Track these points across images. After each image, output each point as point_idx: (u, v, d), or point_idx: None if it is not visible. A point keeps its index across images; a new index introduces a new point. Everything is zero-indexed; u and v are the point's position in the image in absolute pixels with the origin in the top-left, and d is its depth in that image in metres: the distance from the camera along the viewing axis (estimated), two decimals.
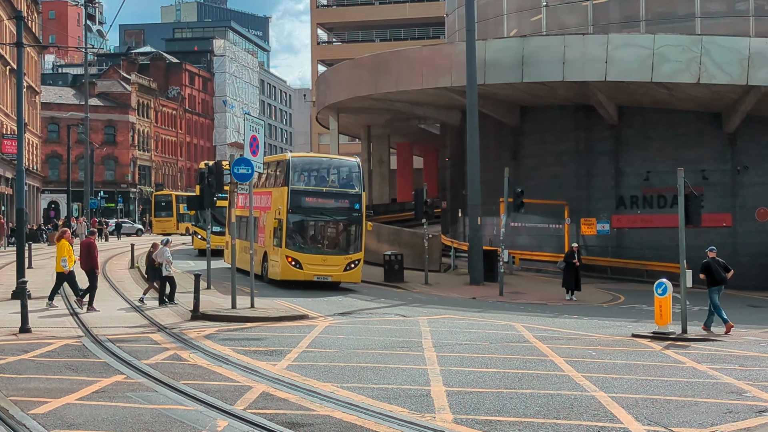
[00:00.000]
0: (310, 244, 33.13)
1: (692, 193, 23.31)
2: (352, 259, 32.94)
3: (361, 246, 33.33)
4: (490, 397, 13.92)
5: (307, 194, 32.98)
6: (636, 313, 29.87)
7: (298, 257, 32.29)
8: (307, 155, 41.62)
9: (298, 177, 33.43)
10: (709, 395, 14.62)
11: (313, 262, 32.38)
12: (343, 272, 32.93)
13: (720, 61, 39.09)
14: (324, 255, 32.75)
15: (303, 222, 33.12)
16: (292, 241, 32.38)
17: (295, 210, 32.34)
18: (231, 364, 16.43)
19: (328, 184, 34.35)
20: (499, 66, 42.43)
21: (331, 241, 33.84)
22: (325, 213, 33.00)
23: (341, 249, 33.43)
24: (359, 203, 33.04)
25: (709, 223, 37.51)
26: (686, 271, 23.28)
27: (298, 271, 32.26)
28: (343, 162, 35.87)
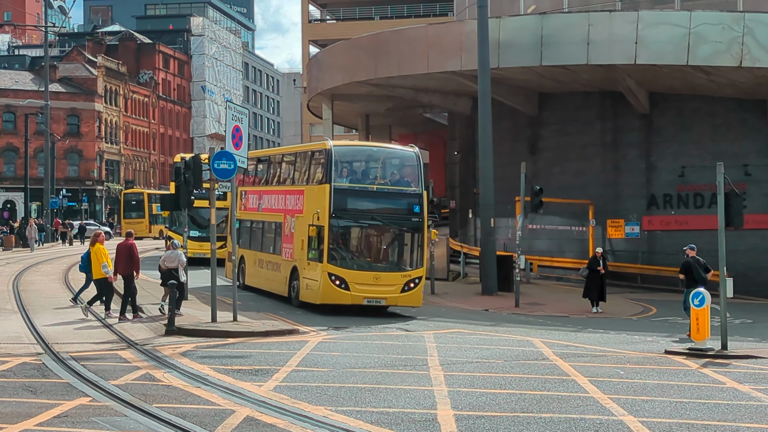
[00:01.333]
0: (359, 258, 29.65)
1: (733, 191, 23.33)
2: (411, 277, 29.12)
3: (423, 260, 29.67)
4: (504, 422, 13.93)
5: (355, 194, 29.51)
6: (670, 326, 29.91)
7: (344, 275, 28.50)
8: (351, 144, 36.31)
9: (342, 172, 29.67)
10: (753, 420, 14.63)
11: (363, 281, 28.70)
12: (400, 294, 29.00)
13: (765, 42, 39.10)
14: (376, 272, 29.05)
15: (350, 230, 29.69)
16: (335, 255, 28.73)
17: (339, 214, 28.65)
18: (211, 385, 16.42)
19: (380, 180, 31.00)
20: (515, 47, 42.44)
21: (385, 254, 30.33)
22: (377, 218, 29.41)
23: (398, 264, 29.80)
24: (419, 205, 29.39)
25: (753, 225, 37.52)
26: (727, 280, 23.30)
27: (344, 293, 28.49)
28: (398, 152, 32.35)
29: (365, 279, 28.80)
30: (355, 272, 28.77)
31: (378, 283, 28.86)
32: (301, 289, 29.95)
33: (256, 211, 35.40)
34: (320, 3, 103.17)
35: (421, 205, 29.35)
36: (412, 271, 29.26)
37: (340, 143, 31.59)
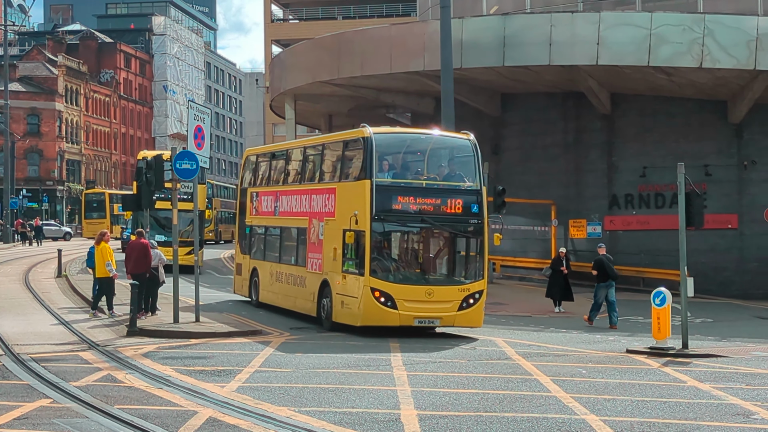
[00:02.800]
0: (408, 270, 24.93)
1: (694, 191, 23.49)
2: (470, 291, 24.27)
3: (484, 270, 24.85)
4: (467, 422, 13.96)
5: (401, 191, 24.55)
6: (631, 326, 30.07)
7: (390, 290, 23.64)
8: (393, 130, 29.95)
9: (383, 165, 24.70)
10: (713, 418, 14.74)
11: (413, 298, 23.85)
12: (458, 312, 24.12)
13: (725, 43, 39.43)
14: (429, 286, 24.21)
15: (396, 235, 24.99)
16: (379, 266, 24.00)
17: (383, 216, 23.87)
18: (173, 386, 16.35)
19: (430, 175, 26.00)
20: (477, 48, 42.53)
21: (439, 264, 25.42)
22: (428, 220, 24.46)
23: (454, 276, 25.01)
24: (478, 204, 24.75)
25: (713, 225, 37.84)
26: (687, 279, 23.46)
27: (390, 312, 23.59)
28: (450, 140, 27.31)
29: (416, 295, 23.93)
30: (403, 287, 23.94)
31: (431, 300, 23.94)
32: (335, 308, 24.87)
33: (272, 216, 30.39)
34: (283, 3, 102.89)
35: (480, 203, 24.74)
36: (472, 283, 24.42)
37: (380, 130, 26.22)
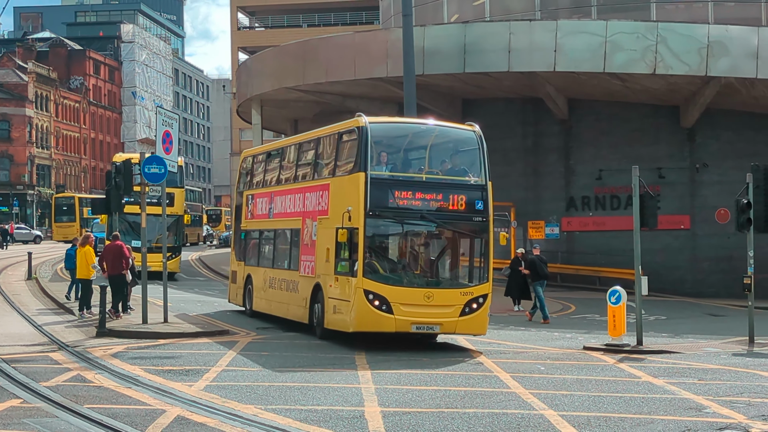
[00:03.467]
0: (405, 271, 22.21)
1: (648, 193, 23.61)
2: (473, 295, 21.65)
3: (489, 272, 22.07)
4: (429, 418, 13.97)
5: (398, 186, 22.04)
6: (588, 323, 30.17)
7: (385, 293, 21.07)
8: (392, 120, 27.81)
9: (380, 157, 22.26)
10: (667, 412, 14.83)
11: (411, 301, 21.22)
12: (460, 318, 21.51)
13: (677, 50, 39.74)
14: (428, 289, 21.59)
15: (392, 233, 22.52)
16: (373, 266, 21.51)
17: (378, 212, 21.40)
18: (142, 386, 16.26)
19: (432, 168, 23.41)
20: (439, 55, 42.61)
21: (440, 265, 22.82)
22: (428, 217, 21.93)
23: (456, 278, 22.55)
24: (483, 200, 22.17)
25: (666, 226, 38.17)
26: (642, 278, 23.59)
27: (385, 317, 20.98)
28: (454, 132, 24.48)
29: (413, 298, 21.32)
30: (400, 289, 21.36)
31: (430, 304, 21.33)
32: (327, 313, 22.44)
33: (266, 219, 27.94)
34: (249, 11, 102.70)
35: (485, 200, 22.16)
36: (475, 287, 21.80)
37: (377, 119, 23.98)
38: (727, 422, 14.05)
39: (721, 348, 23.92)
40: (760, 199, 24.34)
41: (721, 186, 43.07)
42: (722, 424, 13.89)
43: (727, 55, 39.86)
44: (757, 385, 17.70)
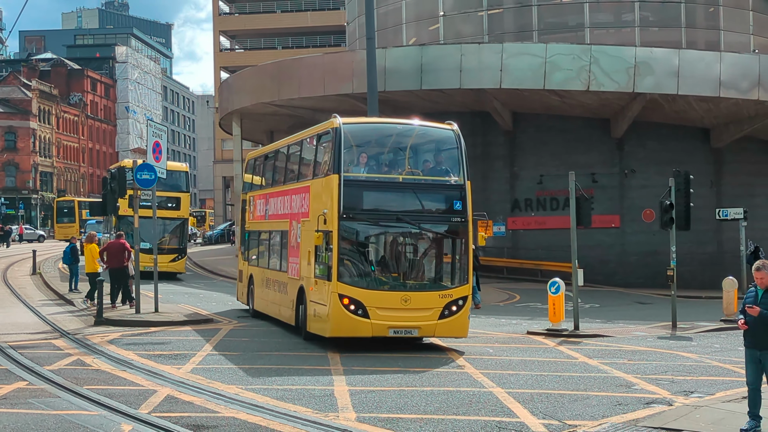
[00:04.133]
0: (381, 274, 19.39)
1: (583, 196, 23.73)
2: (452, 298, 19.11)
3: (468, 273, 19.49)
4: (392, 396, 13.97)
5: (373, 187, 19.83)
6: (531, 311, 30.25)
7: (361, 297, 18.65)
8: (368, 121, 25.13)
9: (355, 158, 19.93)
10: (600, 389, 14.92)
11: (387, 305, 18.77)
12: (439, 321, 18.96)
13: (608, 70, 39.98)
14: (405, 292, 19.03)
15: (367, 235, 19.70)
16: (348, 270, 18.97)
17: (352, 215, 18.93)
18: (135, 369, 16.16)
19: (409, 169, 20.68)
20: (398, 73, 42.61)
21: (417, 267, 19.83)
22: (404, 219, 19.28)
23: (434, 281, 19.73)
24: (461, 201, 19.70)
25: (599, 225, 38.37)
26: (578, 271, 23.70)
27: (361, 322, 18.57)
28: (432, 131, 21.54)
29: (390, 302, 18.85)
30: (375, 293, 18.88)
31: (408, 307, 18.83)
32: (309, 317, 20.07)
33: (263, 220, 25.78)
34: (230, 34, 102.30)
35: (463, 200, 19.73)
36: (454, 288, 19.24)
37: (352, 120, 21.63)
38: (653, 397, 14.16)
39: (647, 332, 24.09)
40: (681, 200, 24.56)
41: (647, 189, 43.33)
42: (649, 399, 14.00)
43: (652, 74, 40.15)
44: (679, 365, 17.85)
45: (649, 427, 11.89)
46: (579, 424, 12.14)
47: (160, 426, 11.61)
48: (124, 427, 11.63)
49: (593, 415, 12.78)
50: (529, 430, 11.82)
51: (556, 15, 49.07)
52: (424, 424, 12.03)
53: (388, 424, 11.98)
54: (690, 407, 13.17)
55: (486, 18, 48.88)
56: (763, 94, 40.65)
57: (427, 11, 51.32)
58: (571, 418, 12.52)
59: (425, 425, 11.99)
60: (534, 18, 47.89)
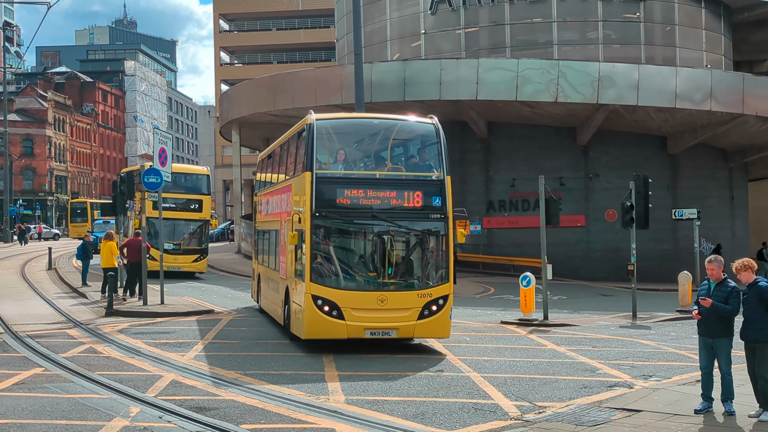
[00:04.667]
0: (357, 274, 17.20)
1: (551, 198, 23.78)
2: (432, 297, 17.09)
3: (449, 272, 17.39)
4: (378, 379, 13.98)
5: (347, 184, 17.44)
6: (504, 302, 30.30)
7: (335, 297, 16.66)
8: (342, 116, 22.59)
9: (330, 154, 18.11)
10: (567, 373, 14.96)
11: (363, 306, 16.72)
12: (418, 321, 16.90)
13: (574, 83, 40.05)
14: (382, 292, 16.87)
15: (341, 234, 17.43)
16: (322, 270, 16.92)
17: (325, 213, 16.89)
18: (143, 356, 16.11)
19: (386, 164, 18.78)
20: (383, 86, 42.57)
21: (395, 266, 17.37)
22: (381, 216, 17.11)
23: (413, 280, 17.41)
24: (441, 196, 17.65)
25: (566, 224, 38.44)
26: (547, 266, 23.75)
27: (336, 323, 16.59)
28: (410, 126, 19.29)
29: (366, 302, 16.76)
30: (350, 293, 16.80)
31: (385, 308, 16.74)
32: (291, 317, 18.30)
33: (266, 219, 24.04)
34: (230, 50, 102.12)
35: (443, 195, 17.67)
36: (434, 288, 17.17)
37: (327, 116, 19.18)
38: (616, 381, 14.20)
39: (610, 321, 24.16)
40: (640, 202, 24.63)
41: (610, 192, 43.43)
42: (612, 382, 14.04)
43: (614, 87, 40.25)
44: (639, 351, 17.92)
45: (612, 408, 11.93)
46: (548, 406, 12.16)
47: (165, 408, 11.58)
48: (132, 409, 11.60)
49: (561, 397, 12.81)
50: (502, 411, 11.84)
51: (526, 33, 49.10)
52: (407, 406, 12.04)
53: (374, 406, 11.98)
54: (649, 390, 13.22)
55: (463, 36, 48.90)
56: (715, 105, 40.86)
57: (410, 29, 51.31)
58: (541, 400, 12.55)
59: (408, 407, 12.00)
60: (507, 36, 47.94)
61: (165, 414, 11.32)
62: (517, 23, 47.92)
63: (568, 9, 47.05)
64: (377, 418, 11.28)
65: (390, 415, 11.45)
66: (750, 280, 11.28)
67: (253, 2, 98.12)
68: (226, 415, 11.26)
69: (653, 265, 41.90)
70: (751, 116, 41.69)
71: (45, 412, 11.42)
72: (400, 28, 52.10)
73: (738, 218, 50.04)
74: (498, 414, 11.64)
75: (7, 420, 10.98)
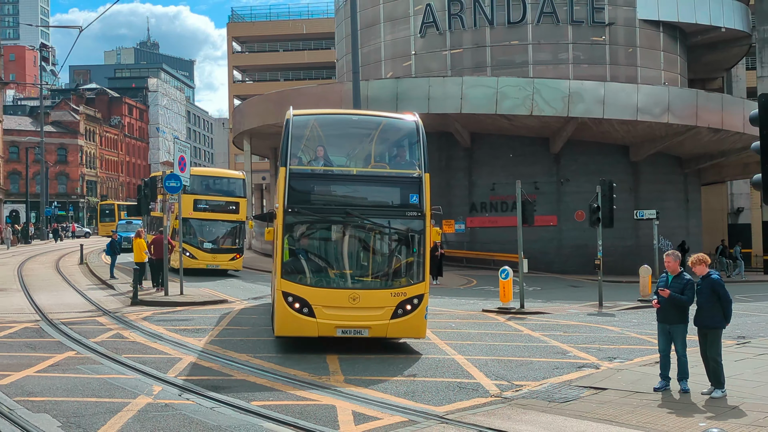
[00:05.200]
0: (329, 271, 15.29)
1: (527, 200, 23.79)
2: (406, 296, 14.97)
3: (425, 270, 15.19)
4: (374, 362, 13.97)
5: (322, 180, 15.67)
6: (485, 293, 30.33)
7: (306, 295, 14.79)
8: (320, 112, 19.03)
9: (308, 150, 16.02)
10: (541, 355, 14.97)
11: (335, 303, 14.84)
12: (391, 320, 14.86)
13: (547, 98, 40.10)
14: (354, 290, 14.94)
15: (314, 231, 15.49)
16: (293, 266, 15.05)
17: (298, 209, 14.92)
18: (164, 341, 16.08)
19: (364, 161, 16.43)
20: (378, 101, 42.54)
21: (368, 263, 15.59)
22: (354, 213, 15.15)
23: (386, 278, 15.30)
24: (418, 194, 15.24)
25: (541, 223, 38.42)
26: (523, 260, 23.76)
27: (307, 321, 14.74)
28: (390, 122, 17.24)
29: (338, 300, 14.77)
30: (322, 291, 14.81)
31: (357, 306, 14.75)
32: (274, 314, 15.80)
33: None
34: (242, 69, 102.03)
35: (420, 193, 15.19)
36: (409, 287, 14.97)
37: (307, 112, 17.48)
38: (584, 362, 14.22)
39: (579, 310, 24.19)
40: (606, 204, 24.64)
41: (579, 195, 43.37)
42: (580, 363, 14.06)
43: (582, 102, 40.30)
44: (605, 336, 17.94)
45: (581, 386, 11.94)
46: (524, 384, 12.18)
47: (184, 387, 11.57)
48: (155, 387, 11.58)
49: (535, 376, 12.83)
50: (484, 389, 11.85)
51: (505, 54, 49.12)
52: (399, 385, 12.04)
53: (369, 385, 11.99)
54: (613, 370, 13.24)
55: (449, 56, 48.91)
56: (672, 118, 40.94)
57: (402, 51, 51.30)
58: (518, 380, 12.56)
59: (400, 385, 12.00)
60: (488, 56, 47.95)
61: (184, 392, 11.31)
62: (496, 45, 47.95)
63: (541, 33, 47.09)
64: (373, 395, 11.28)
65: (384, 393, 11.45)
66: (704, 273, 11.32)
67: (263, 26, 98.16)
68: (238, 393, 11.26)
69: (617, 260, 41.97)
70: (704, 128, 41.81)
71: (77, 390, 11.40)
72: (393, 49, 52.08)
73: (692, 218, 50.14)
74: (480, 392, 11.65)
75: (43, 398, 10.96)
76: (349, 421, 9.91)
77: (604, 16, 46.81)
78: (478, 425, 9.58)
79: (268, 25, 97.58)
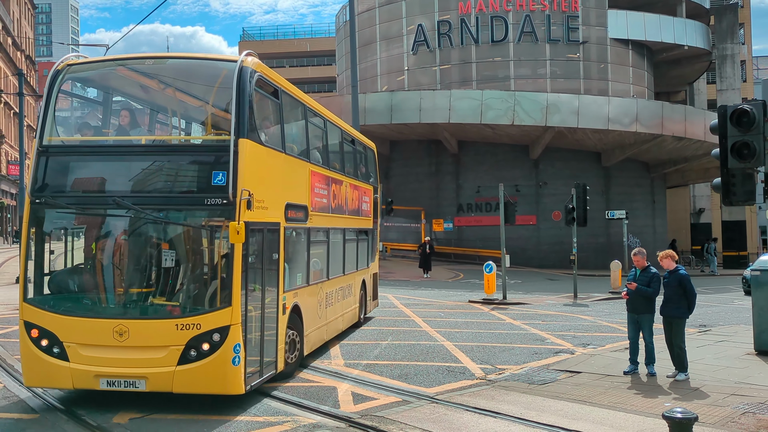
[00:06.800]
0: (86, 293, 9.21)
1: (509, 201, 23.78)
2: (201, 330, 8.58)
3: (233, 290, 8.63)
4: (370, 347, 13.95)
5: (81, 157, 9.48)
6: (471, 285, 30.31)
7: (53, 327, 8.80)
8: (104, 59, 10.40)
9: (77, 115, 10.98)
10: (522, 342, 14.96)
11: (94, 340, 8.68)
12: (179, 366, 8.58)
13: (527, 109, 40.11)
14: (121, 320, 8.67)
15: (65, 233, 9.48)
16: (41, 285, 9.19)
17: (44, 199, 9.11)
18: None
19: (152, 126, 11.07)
20: (375, 111, 42.53)
21: (142, 280, 9.14)
22: (125, 205, 8.85)
23: (169, 303, 8.98)
24: (226, 171, 8.75)
25: (521, 222, 38.47)
26: (505, 256, 23.76)
27: (57, 366, 8.79)
28: (196, 67, 10.23)
29: (99, 336, 8.69)
30: (76, 321, 8.81)
31: (126, 345, 8.67)
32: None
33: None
34: None
35: (229, 171, 8.77)
36: (205, 314, 8.68)
37: (86, 60, 9.95)
38: (560, 348, 14.21)
39: (556, 300, 24.21)
40: (580, 204, 24.64)
41: (555, 196, 43.41)
42: (557, 349, 14.05)
43: (559, 112, 40.30)
44: (579, 324, 17.94)
45: (558, 369, 11.94)
46: (506, 368, 12.17)
47: None
48: None
49: (517, 361, 12.82)
50: (470, 372, 11.84)
51: (489, 69, 49.07)
52: (394, 368, 12.02)
53: (368, 368, 11.96)
54: (587, 355, 13.24)
55: (438, 71, 48.88)
56: (640, 127, 40.98)
57: (396, 66, 51.26)
58: (501, 364, 12.55)
59: (394, 369, 11.98)
60: (473, 72, 47.93)
61: None
62: (481, 61, 47.96)
63: (522, 50, 47.12)
64: (370, 378, 11.25)
65: (380, 376, 11.42)
66: (671, 267, 11.33)
67: (271, 45, 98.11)
68: None
69: (590, 256, 42.02)
70: (669, 136, 41.89)
71: None
72: (387, 65, 52.05)
73: (658, 218, 50.20)
74: (466, 375, 11.64)
75: None
76: (349, 400, 9.88)
77: (578, 35, 46.85)
78: (465, 405, 9.56)
79: (275, 43, 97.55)
